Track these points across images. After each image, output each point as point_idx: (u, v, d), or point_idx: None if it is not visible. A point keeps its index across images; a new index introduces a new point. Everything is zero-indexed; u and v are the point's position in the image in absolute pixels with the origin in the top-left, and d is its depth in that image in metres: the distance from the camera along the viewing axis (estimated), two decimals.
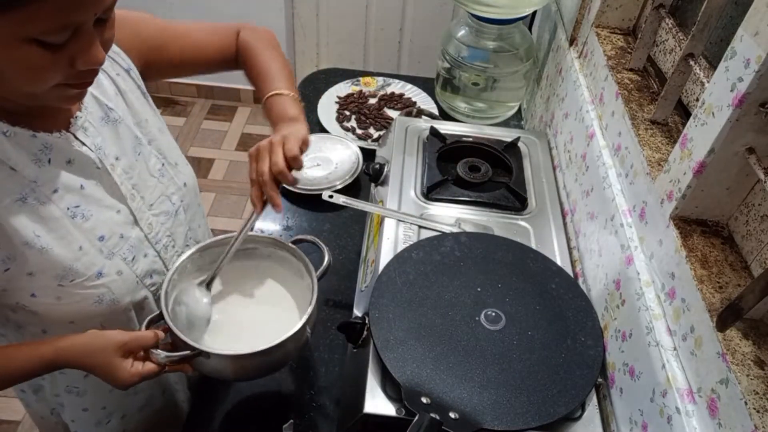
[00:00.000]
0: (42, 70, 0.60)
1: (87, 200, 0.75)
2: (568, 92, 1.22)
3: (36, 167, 0.69)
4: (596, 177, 0.99)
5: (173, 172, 0.89)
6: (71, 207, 0.73)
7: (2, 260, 0.68)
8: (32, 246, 0.69)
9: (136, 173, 0.81)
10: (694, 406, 0.63)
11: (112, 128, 0.79)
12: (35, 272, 0.71)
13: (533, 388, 0.77)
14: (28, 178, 0.69)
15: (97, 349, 0.72)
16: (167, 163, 0.88)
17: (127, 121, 0.82)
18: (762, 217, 0.69)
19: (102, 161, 0.76)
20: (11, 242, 0.68)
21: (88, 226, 0.75)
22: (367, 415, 0.75)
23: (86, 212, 0.75)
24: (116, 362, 0.73)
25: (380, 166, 1.17)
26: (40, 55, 0.58)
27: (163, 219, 0.86)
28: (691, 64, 0.83)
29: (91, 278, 0.75)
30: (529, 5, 1.36)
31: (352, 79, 1.66)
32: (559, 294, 0.90)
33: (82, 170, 0.74)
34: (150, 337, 0.76)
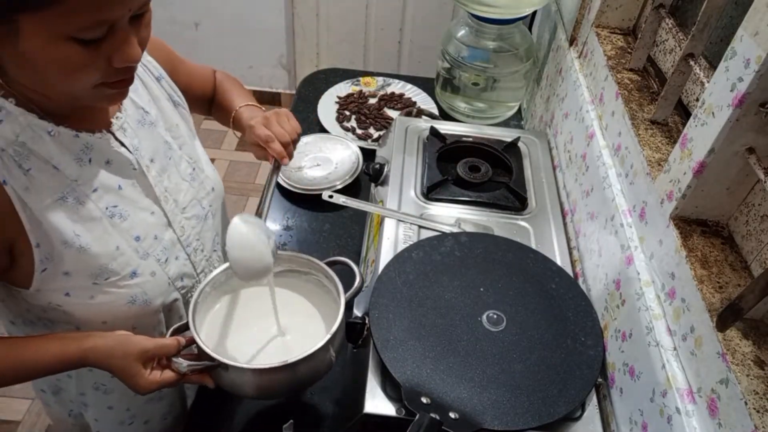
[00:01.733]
0: (80, 68, 0.61)
1: (124, 200, 0.76)
2: (568, 92, 1.22)
3: (78, 167, 0.70)
4: (596, 177, 0.99)
5: (202, 176, 0.90)
6: (110, 207, 0.74)
7: (41, 260, 0.69)
8: (71, 245, 0.70)
9: (167, 176, 0.83)
10: (694, 406, 0.63)
11: (147, 131, 0.81)
12: (71, 271, 0.72)
13: (533, 388, 0.77)
14: (69, 178, 0.70)
15: (119, 354, 0.73)
16: (197, 167, 0.90)
17: (159, 126, 0.83)
18: (762, 217, 0.69)
19: (139, 162, 0.77)
20: (50, 242, 0.69)
21: (126, 226, 0.76)
22: (367, 415, 0.75)
23: (123, 212, 0.75)
24: (136, 368, 0.73)
25: (380, 166, 1.17)
26: (78, 53, 0.59)
27: (194, 222, 0.87)
28: (691, 64, 0.83)
29: (125, 278, 0.76)
30: (529, 5, 1.36)
31: (352, 79, 1.66)
32: (559, 294, 0.90)
33: (120, 171, 0.76)
34: (172, 346, 0.76)
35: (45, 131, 0.67)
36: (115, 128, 0.75)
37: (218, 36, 2.75)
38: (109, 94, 0.67)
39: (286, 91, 2.94)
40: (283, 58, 2.80)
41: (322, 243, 1.23)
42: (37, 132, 0.67)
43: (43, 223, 0.67)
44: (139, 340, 0.74)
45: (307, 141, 1.43)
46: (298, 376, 0.77)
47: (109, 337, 0.74)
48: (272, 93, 2.95)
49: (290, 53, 2.75)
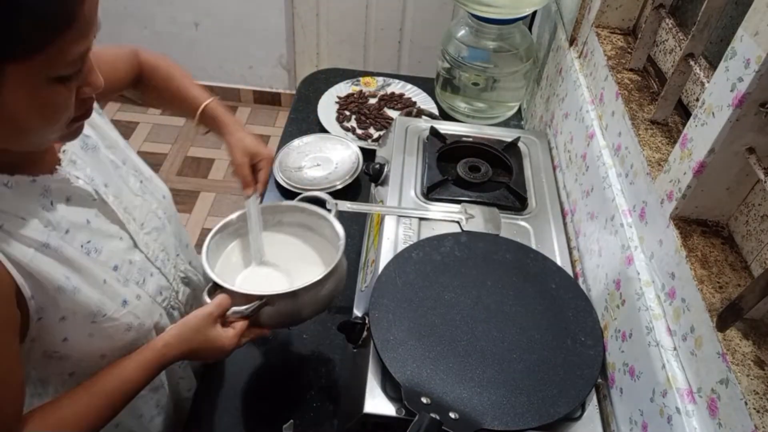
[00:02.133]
0: (62, 107, 0.60)
1: (95, 234, 0.74)
2: (568, 92, 1.22)
3: (45, 212, 0.68)
4: (596, 177, 0.99)
5: (151, 186, 0.89)
6: (84, 244, 0.72)
7: (36, 310, 0.66)
8: (65, 289, 0.68)
9: (123, 196, 0.81)
10: (694, 406, 0.63)
11: (92, 156, 0.78)
12: (67, 315, 0.70)
13: (533, 388, 0.77)
14: (41, 226, 0.67)
15: (192, 333, 0.76)
16: (144, 178, 0.88)
17: (100, 147, 0.81)
18: (762, 217, 0.69)
19: (97, 191, 0.75)
20: (45, 291, 0.66)
21: (103, 258, 0.74)
22: (367, 415, 0.75)
23: (98, 246, 0.74)
24: (213, 333, 0.77)
25: (380, 166, 1.17)
26: (60, 92, 0.58)
27: (155, 236, 0.86)
28: (691, 64, 0.83)
29: (118, 309, 0.75)
30: (529, 5, 1.36)
31: (352, 79, 1.66)
32: (559, 294, 0.90)
33: (82, 204, 0.74)
34: (225, 299, 0.79)
35: (2, 184, 0.64)
36: (65, 163, 0.72)
37: (218, 36, 2.75)
38: (76, 129, 0.66)
39: (286, 91, 2.94)
40: (283, 58, 2.80)
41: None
42: None
43: (33, 275, 0.65)
44: (199, 312, 0.77)
45: (307, 141, 1.43)
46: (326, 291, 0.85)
47: (171, 329, 0.77)
48: (272, 93, 2.95)
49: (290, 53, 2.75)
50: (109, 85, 0.90)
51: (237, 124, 0.98)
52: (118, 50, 0.96)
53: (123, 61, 0.96)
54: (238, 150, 0.94)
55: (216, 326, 0.78)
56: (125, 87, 0.98)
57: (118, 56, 0.95)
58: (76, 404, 0.70)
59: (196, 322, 0.77)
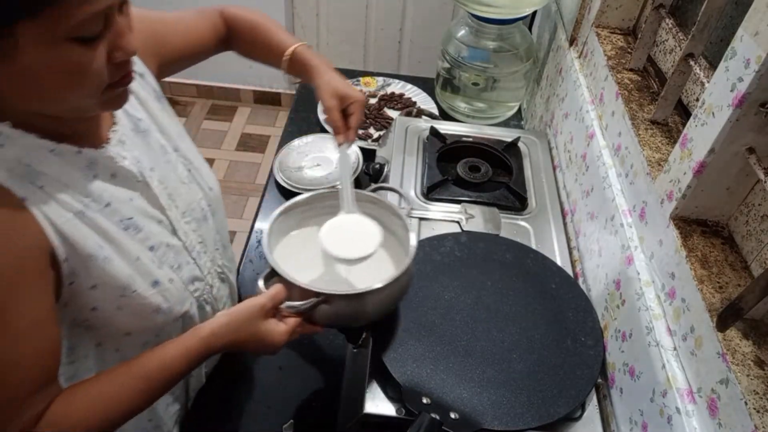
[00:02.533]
0: (85, 71, 0.59)
1: (136, 212, 0.75)
2: (568, 92, 1.22)
3: (86, 183, 0.69)
4: (596, 177, 0.99)
5: (199, 177, 0.88)
6: (124, 219, 0.73)
7: (68, 274, 0.67)
8: (96, 257, 0.69)
9: (168, 182, 0.81)
10: (694, 406, 0.63)
11: (142, 139, 0.79)
12: (98, 284, 0.70)
13: (533, 388, 0.77)
14: (81, 194, 0.68)
15: (241, 323, 0.72)
16: (193, 168, 0.88)
17: (152, 131, 0.81)
18: (762, 217, 0.69)
19: (142, 173, 0.76)
20: (77, 255, 0.67)
21: (141, 237, 0.75)
22: (367, 415, 0.75)
23: (138, 224, 0.75)
24: (264, 327, 0.72)
25: (380, 166, 1.17)
26: (80, 54, 0.57)
27: (194, 226, 0.86)
28: (691, 64, 0.83)
29: (148, 288, 0.75)
30: (529, 5, 1.36)
31: (352, 79, 1.66)
32: (559, 294, 0.90)
33: (126, 183, 0.74)
34: (281, 290, 0.74)
35: (47, 150, 0.65)
36: (114, 143, 0.73)
37: None
38: (116, 96, 0.66)
39: (286, 91, 2.94)
40: None
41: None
42: (39, 152, 0.65)
43: (68, 237, 0.66)
44: (250, 302, 0.73)
45: (307, 141, 1.43)
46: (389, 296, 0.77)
47: (219, 316, 0.73)
48: (272, 93, 2.95)
49: None
50: (188, 50, 0.92)
51: (326, 65, 0.93)
52: (198, 14, 0.96)
53: (203, 25, 0.95)
54: (326, 92, 0.90)
55: (268, 320, 0.73)
56: (210, 49, 0.97)
57: (197, 20, 0.95)
58: (113, 384, 0.69)
59: (248, 313, 0.72)
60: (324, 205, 0.87)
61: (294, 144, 1.42)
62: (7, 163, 0.62)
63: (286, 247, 0.86)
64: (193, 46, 0.93)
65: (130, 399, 0.69)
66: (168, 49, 0.89)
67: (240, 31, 0.99)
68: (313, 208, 0.88)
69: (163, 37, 0.88)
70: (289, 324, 0.74)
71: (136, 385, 0.69)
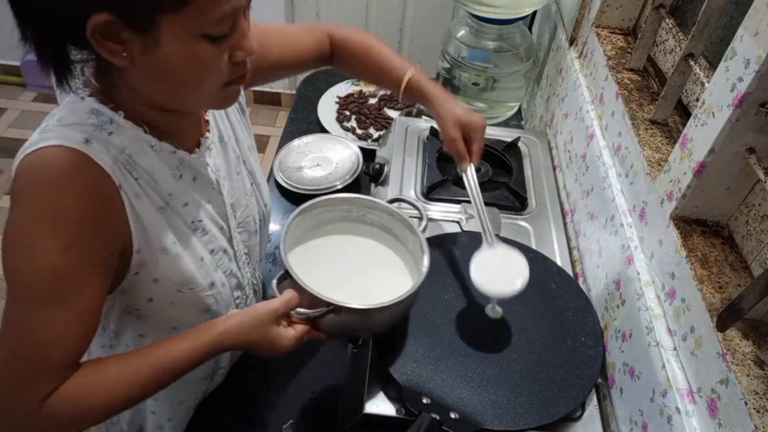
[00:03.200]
0: (211, 66, 0.63)
1: (206, 216, 0.78)
2: (568, 92, 1.22)
3: (173, 181, 0.72)
4: (596, 177, 0.99)
5: (258, 192, 0.91)
6: (195, 221, 0.76)
7: (136, 264, 0.70)
8: (168, 252, 0.72)
9: (235, 193, 0.84)
10: (694, 406, 0.63)
11: (223, 149, 0.83)
12: (161, 278, 0.73)
13: (533, 388, 0.77)
14: (166, 191, 0.71)
15: (253, 326, 0.73)
16: (255, 182, 0.90)
17: (231, 142, 0.85)
18: (762, 217, 0.69)
19: (219, 182, 0.80)
20: (150, 247, 0.70)
21: (206, 239, 0.78)
22: (367, 415, 0.75)
23: (206, 227, 0.78)
24: (274, 331, 0.73)
25: (380, 166, 1.17)
26: (210, 51, 0.61)
27: (245, 237, 0.88)
28: (691, 64, 0.83)
29: (205, 288, 0.78)
30: (529, 5, 1.36)
31: (352, 79, 1.66)
32: (559, 294, 0.90)
33: (203, 188, 0.78)
34: (294, 297, 0.75)
35: (149, 145, 0.69)
36: (204, 148, 0.77)
37: None
38: (231, 93, 0.70)
39: (286, 91, 2.94)
40: None
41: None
42: (142, 146, 0.68)
43: (147, 229, 0.69)
44: (264, 305, 0.74)
45: (307, 141, 1.43)
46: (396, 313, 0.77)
47: (233, 316, 0.74)
48: (272, 93, 2.95)
49: None
50: (283, 63, 0.95)
51: (444, 93, 0.94)
52: (304, 31, 1.00)
53: (305, 43, 0.98)
54: (449, 122, 0.91)
55: (278, 324, 0.75)
56: (309, 65, 1.00)
57: (301, 36, 0.98)
58: (123, 369, 0.70)
59: (260, 316, 0.73)
60: (341, 208, 0.88)
61: (294, 144, 1.42)
62: (114, 150, 0.65)
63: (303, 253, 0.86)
64: (290, 59, 0.97)
65: (138, 387, 0.70)
66: (266, 61, 0.91)
67: (351, 53, 1.01)
68: (332, 211, 0.88)
69: (266, 50, 0.90)
70: (297, 330, 0.75)
71: (144, 373, 0.70)
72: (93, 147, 0.63)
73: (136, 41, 0.58)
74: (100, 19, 0.55)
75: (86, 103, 0.66)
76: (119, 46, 0.58)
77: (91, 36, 0.56)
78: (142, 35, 0.58)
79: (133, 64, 0.60)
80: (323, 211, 0.88)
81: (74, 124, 0.64)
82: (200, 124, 0.79)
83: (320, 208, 0.87)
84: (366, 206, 0.88)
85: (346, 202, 0.88)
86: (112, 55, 0.59)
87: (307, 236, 0.88)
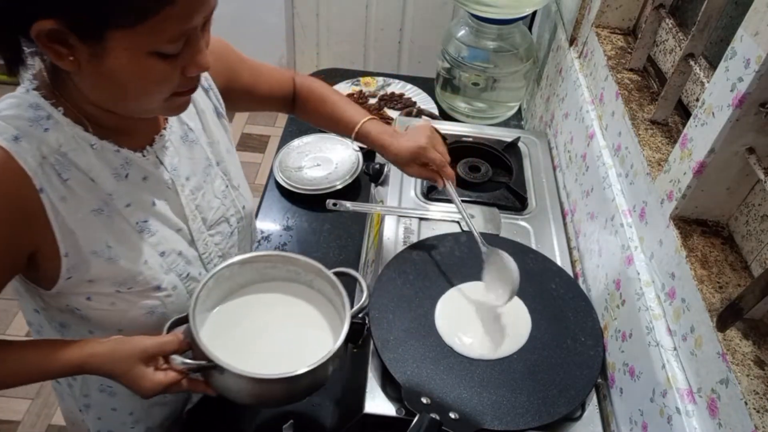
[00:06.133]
0: (160, 81, 0.63)
1: (155, 216, 0.77)
2: (568, 92, 1.22)
3: (114, 181, 0.72)
4: (596, 177, 0.99)
5: (234, 194, 0.90)
6: (140, 222, 0.75)
7: (68, 269, 0.70)
8: (100, 255, 0.71)
9: (200, 194, 0.83)
10: (694, 406, 0.63)
11: (188, 148, 0.81)
12: (96, 279, 0.72)
13: (533, 388, 0.77)
14: (105, 191, 0.71)
15: (120, 357, 0.71)
16: (231, 185, 0.89)
17: (201, 141, 0.84)
18: (762, 217, 0.69)
19: (174, 181, 0.78)
20: (80, 251, 0.69)
21: (153, 241, 0.76)
22: (367, 415, 0.75)
23: (152, 228, 0.76)
24: (139, 370, 0.71)
25: (380, 166, 1.17)
26: (159, 67, 0.61)
27: (218, 239, 0.87)
28: (691, 64, 0.83)
29: (148, 290, 0.76)
30: (529, 5, 1.36)
31: (352, 79, 1.66)
32: (559, 294, 0.90)
33: (155, 188, 0.76)
34: (173, 342, 0.73)
35: (88, 144, 0.69)
36: (157, 146, 0.76)
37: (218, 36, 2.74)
38: (179, 103, 0.69)
39: None
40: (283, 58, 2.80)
41: (322, 243, 1.23)
42: (80, 144, 0.68)
43: (75, 232, 0.68)
44: (138, 340, 0.72)
45: (307, 141, 1.43)
46: (295, 388, 0.74)
47: (108, 342, 0.72)
48: None
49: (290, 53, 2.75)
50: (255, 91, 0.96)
51: (389, 134, 0.95)
52: (275, 68, 1.01)
53: (276, 78, 1.00)
54: (402, 163, 0.93)
55: (145, 365, 0.72)
56: (275, 100, 1.01)
57: (272, 71, 1.00)
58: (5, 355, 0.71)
59: (129, 350, 0.71)
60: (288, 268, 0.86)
61: (294, 144, 1.42)
62: (45, 149, 0.65)
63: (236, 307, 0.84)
64: (261, 89, 0.97)
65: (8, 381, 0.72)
66: (237, 83, 0.93)
67: (310, 101, 1.03)
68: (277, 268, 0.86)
69: (235, 71, 0.92)
70: (167, 377, 0.72)
71: (16, 372, 0.72)
72: (21, 145, 0.63)
73: (83, 49, 0.58)
74: (45, 25, 0.55)
75: (29, 96, 0.66)
76: (66, 50, 0.58)
77: (36, 38, 0.56)
78: (90, 45, 0.57)
79: (80, 69, 0.60)
80: (267, 267, 0.86)
81: (10, 117, 0.64)
82: (156, 122, 0.77)
83: (264, 263, 0.86)
84: (312, 272, 0.85)
85: (292, 262, 0.85)
86: (58, 58, 0.59)
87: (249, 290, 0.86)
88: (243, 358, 0.74)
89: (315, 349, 0.75)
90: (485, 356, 0.80)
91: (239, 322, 0.83)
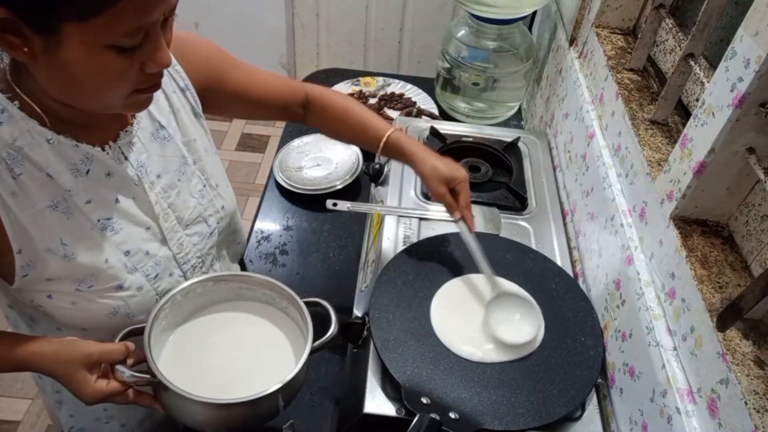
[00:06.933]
0: (117, 76, 0.62)
1: (119, 214, 0.75)
2: (568, 92, 1.22)
3: (72, 177, 0.70)
4: (596, 177, 0.99)
5: (213, 194, 0.89)
6: (102, 219, 0.73)
7: (22, 266, 0.69)
8: (55, 253, 0.70)
9: (175, 192, 0.82)
10: (694, 406, 0.63)
11: (159, 145, 0.80)
12: (54, 278, 0.71)
13: (533, 388, 0.77)
14: (63, 187, 0.69)
15: (62, 359, 0.70)
16: (209, 184, 0.88)
17: (176, 140, 0.82)
18: (762, 217, 0.69)
19: (141, 178, 0.77)
20: (34, 248, 0.68)
21: (117, 239, 0.75)
22: (367, 415, 0.75)
23: (116, 226, 0.75)
24: (81, 375, 0.70)
25: (380, 166, 1.17)
26: (116, 61, 0.60)
27: (196, 240, 0.86)
28: (691, 64, 0.83)
29: (110, 289, 0.75)
30: (529, 5, 1.36)
31: (352, 79, 1.66)
32: (559, 294, 0.90)
33: (120, 184, 0.75)
34: (119, 351, 0.71)
35: (44, 138, 0.67)
36: (122, 142, 0.75)
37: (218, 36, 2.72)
38: (140, 100, 0.68)
39: None
40: (283, 58, 2.80)
41: (322, 243, 1.23)
42: (36, 138, 0.67)
43: (28, 229, 0.67)
44: (83, 344, 0.71)
45: (307, 141, 1.43)
46: (236, 416, 0.72)
47: (55, 342, 0.71)
48: None
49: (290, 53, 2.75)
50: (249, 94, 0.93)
51: (425, 151, 0.94)
52: (282, 79, 0.99)
53: (281, 83, 0.97)
54: (433, 180, 0.91)
55: (87, 371, 0.70)
56: (276, 108, 0.98)
57: (275, 79, 0.97)
58: None
59: (73, 353, 0.70)
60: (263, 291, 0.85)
61: (294, 144, 1.42)
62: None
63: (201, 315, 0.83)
64: (253, 93, 0.94)
65: None
66: (227, 86, 0.90)
67: (327, 111, 1.00)
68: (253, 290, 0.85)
69: (221, 72, 0.90)
70: (108, 387, 0.71)
71: None
72: None
73: (37, 41, 0.57)
74: None
75: None
76: (20, 40, 0.57)
77: None
78: (44, 36, 0.56)
79: (35, 60, 0.59)
80: (242, 288, 0.85)
81: None
82: (122, 117, 0.75)
83: (239, 282, 0.85)
84: (285, 298, 0.83)
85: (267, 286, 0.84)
86: (11, 48, 0.58)
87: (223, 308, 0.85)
88: (197, 378, 0.72)
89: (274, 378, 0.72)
90: (485, 359, 0.80)
91: (204, 340, 0.82)
